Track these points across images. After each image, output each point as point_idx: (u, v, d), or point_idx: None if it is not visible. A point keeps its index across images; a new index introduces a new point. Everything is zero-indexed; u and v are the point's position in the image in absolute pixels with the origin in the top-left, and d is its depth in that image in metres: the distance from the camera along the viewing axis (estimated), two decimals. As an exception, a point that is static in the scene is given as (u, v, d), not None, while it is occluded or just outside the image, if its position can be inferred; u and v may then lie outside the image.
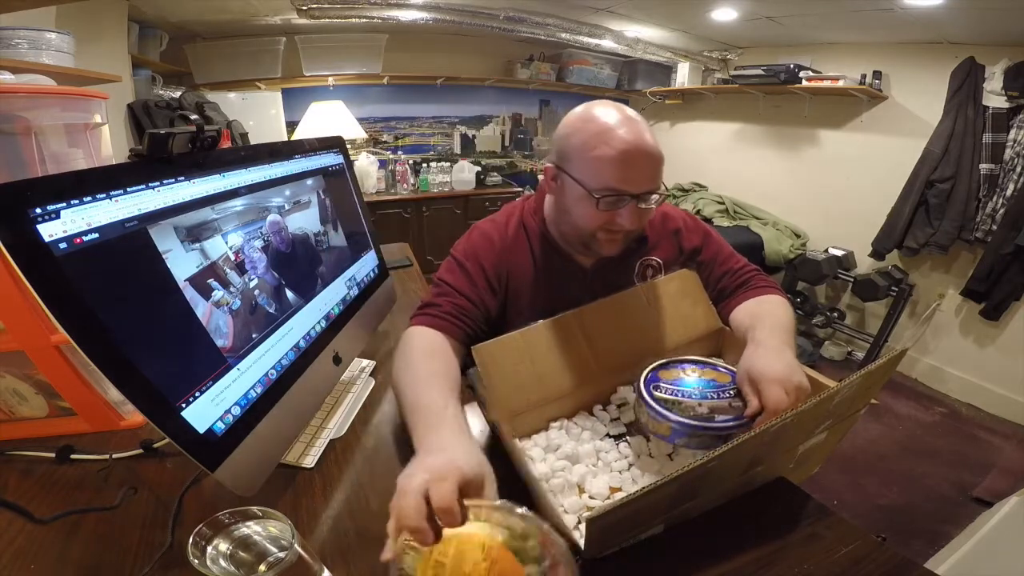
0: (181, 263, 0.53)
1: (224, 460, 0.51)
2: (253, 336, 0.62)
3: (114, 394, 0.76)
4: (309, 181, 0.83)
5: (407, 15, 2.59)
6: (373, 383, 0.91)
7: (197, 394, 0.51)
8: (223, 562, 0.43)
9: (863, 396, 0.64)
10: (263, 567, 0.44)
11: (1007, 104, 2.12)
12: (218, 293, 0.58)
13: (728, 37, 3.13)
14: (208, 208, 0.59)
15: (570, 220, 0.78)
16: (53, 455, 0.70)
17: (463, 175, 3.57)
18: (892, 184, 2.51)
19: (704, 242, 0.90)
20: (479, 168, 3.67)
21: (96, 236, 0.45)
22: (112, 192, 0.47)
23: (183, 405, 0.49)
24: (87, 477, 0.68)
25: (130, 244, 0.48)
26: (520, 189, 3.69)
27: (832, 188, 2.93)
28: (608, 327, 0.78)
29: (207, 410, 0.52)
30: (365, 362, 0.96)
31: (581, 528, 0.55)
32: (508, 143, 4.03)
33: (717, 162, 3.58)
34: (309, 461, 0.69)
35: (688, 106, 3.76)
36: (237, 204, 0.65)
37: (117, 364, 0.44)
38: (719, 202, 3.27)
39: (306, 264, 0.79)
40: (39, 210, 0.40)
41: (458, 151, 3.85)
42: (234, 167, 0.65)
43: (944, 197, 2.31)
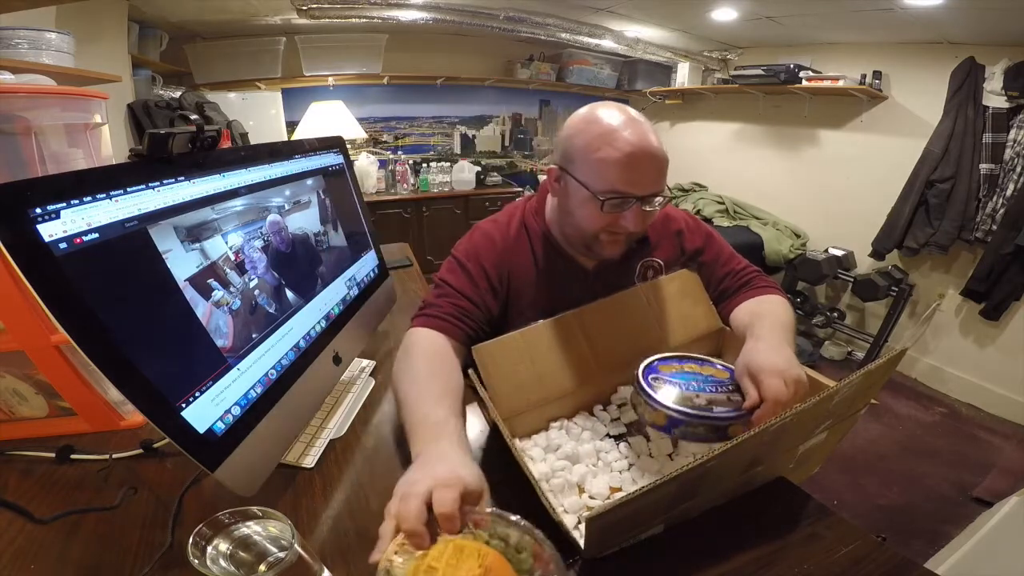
0: (181, 263, 0.53)
1: (224, 460, 0.51)
2: (253, 336, 0.62)
3: (114, 394, 0.76)
4: (309, 181, 0.83)
5: (407, 15, 2.59)
6: (373, 383, 0.91)
7: (197, 394, 0.51)
8: (223, 562, 0.43)
9: (863, 396, 0.64)
10: (263, 567, 0.44)
11: (1007, 104, 2.12)
12: (218, 293, 0.58)
13: (728, 37, 3.13)
14: (208, 208, 0.59)
15: (573, 222, 0.78)
16: (53, 455, 0.70)
17: (463, 175, 3.57)
18: (892, 184, 2.51)
19: (706, 243, 0.90)
20: (479, 168, 3.68)
21: (96, 236, 0.45)
22: (112, 192, 0.47)
23: (183, 405, 0.49)
24: (87, 477, 0.67)
25: (130, 244, 0.48)
26: (520, 189, 3.69)
27: (832, 188, 2.93)
28: (608, 327, 0.78)
29: (207, 410, 0.52)
30: (365, 362, 0.96)
31: (581, 528, 0.55)
32: (508, 143, 4.03)
33: (717, 162, 3.58)
34: (309, 461, 0.69)
35: (688, 106, 3.76)
36: (237, 204, 0.65)
37: (117, 364, 0.44)
38: (719, 202, 3.27)
39: (306, 264, 0.79)
40: (39, 210, 0.40)
41: (458, 151, 3.85)
42: (234, 167, 0.65)
43: (944, 197, 2.31)
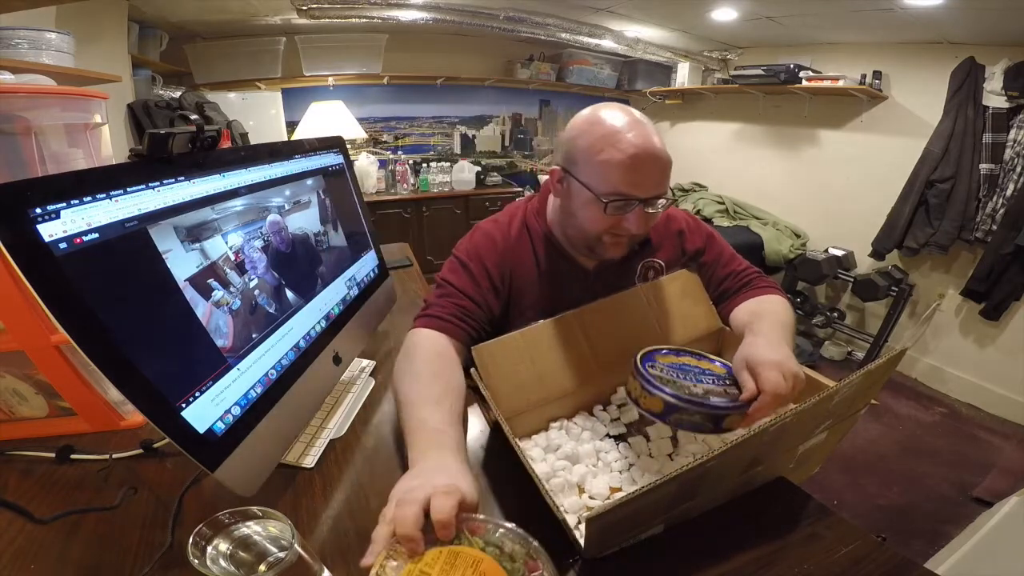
0: (181, 263, 0.53)
1: (224, 460, 0.51)
2: (253, 336, 0.62)
3: (114, 394, 0.76)
4: (309, 181, 0.83)
5: (407, 15, 2.59)
6: (373, 383, 0.91)
7: (197, 394, 0.51)
8: (223, 562, 0.43)
9: (863, 396, 0.64)
10: (263, 567, 0.44)
11: (1007, 104, 2.12)
12: (218, 293, 0.58)
13: (728, 37, 3.13)
14: (208, 208, 0.59)
15: (576, 223, 0.78)
16: (53, 455, 0.70)
17: (463, 175, 3.57)
18: (892, 184, 2.51)
19: (707, 244, 0.90)
20: (479, 168, 3.67)
21: (96, 236, 0.45)
22: (112, 192, 0.47)
23: (183, 405, 0.49)
24: (87, 477, 0.67)
25: (130, 244, 0.48)
26: (520, 189, 3.69)
27: (832, 188, 2.93)
28: (608, 327, 0.78)
29: (207, 410, 0.52)
30: (365, 362, 0.96)
31: (581, 528, 0.55)
32: (508, 143, 4.03)
33: (717, 162, 3.58)
34: (309, 461, 0.69)
35: (688, 106, 3.76)
36: (237, 204, 0.65)
37: (117, 364, 0.44)
38: (719, 202, 3.27)
39: (306, 264, 0.79)
40: (39, 210, 0.40)
41: (458, 151, 3.85)
42: (234, 167, 0.65)
43: (944, 197, 2.31)
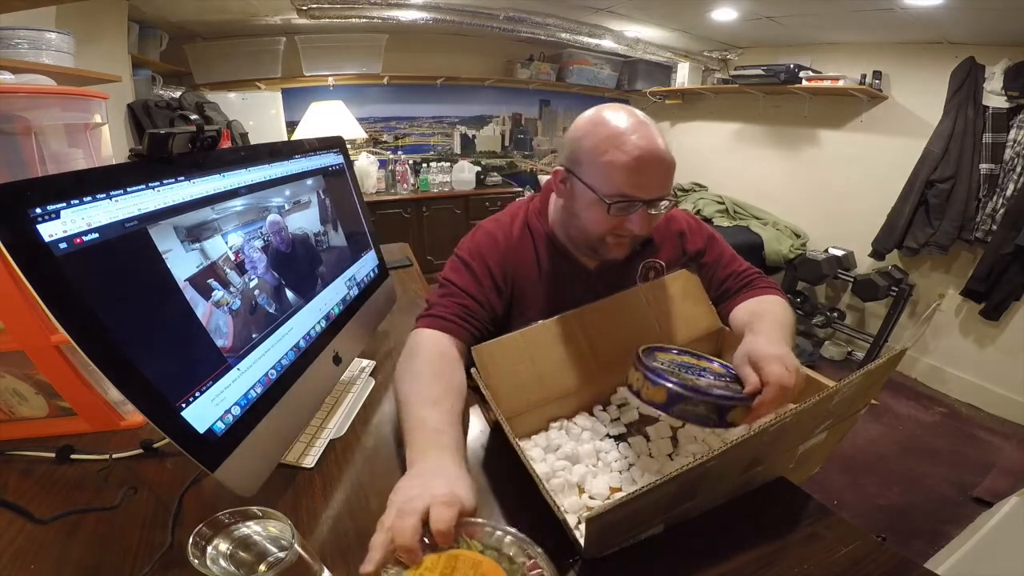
0: (181, 263, 0.53)
1: (224, 460, 0.51)
2: (253, 336, 0.62)
3: (114, 394, 0.76)
4: (309, 181, 0.83)
5: (407, 15, 2.59)
6: (373, 383, 0.91)
7: (197, 394, 0.51)
8: (223, 562, 0.43)
9: (863, 396, 0.64)
10: (263, 567, 0.44)
11: (1007, 104, 2.12)
12: (218, 293, 0.58)
13: (728, 37, 3.13)
14: (208, 208, 0.59)
15: (579, 224, 0.78)
16: (53, 455, 0.70)
17: (463, 175, 3.57)
18: (892, 184, 2.51)
19: (708, 244, 0.90)
20: (479, 168, 3.68)
21: (96, 236, 0.45)
22: (112, 192, 0.47)
23: (183, 405, 0.49)
24: (87, 477, 0.67)
25: (130, 244, 0.48)
26: (520, 189, 3.69)
27: (832, 188, 2.93)
28: (609, 327, 0.78)
29: (207, 410, 0.52)
30: (365, 362, 0.96)
31: (581, 528, 0.55)
32: (508, 143, 4.03)
33: (717, 162, 3.58)
34: (309, 461, 0.69)
35: (688, 106, 3.76)
36: (237, 204, 0.64)
37: (117, 364, 0.44)
38: (719, 202, 3.27)
39: (306, 264, 0.79)
40: (39, 210, 0.40)
41: (458, 151, 3.85)
42: (234, 167, 0.65)
43: (944, 197, 2.31)
